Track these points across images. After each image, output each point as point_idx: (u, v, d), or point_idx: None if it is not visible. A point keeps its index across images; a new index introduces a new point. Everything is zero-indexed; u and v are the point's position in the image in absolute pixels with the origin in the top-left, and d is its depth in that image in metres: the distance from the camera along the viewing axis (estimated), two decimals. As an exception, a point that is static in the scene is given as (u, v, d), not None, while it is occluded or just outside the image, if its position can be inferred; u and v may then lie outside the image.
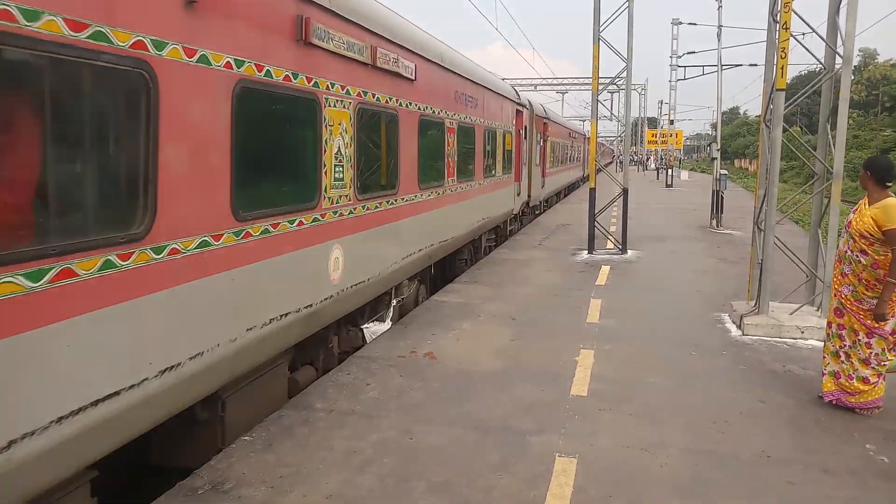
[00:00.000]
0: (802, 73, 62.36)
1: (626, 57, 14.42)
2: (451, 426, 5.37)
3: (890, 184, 5.77)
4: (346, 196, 6.51)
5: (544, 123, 22.27)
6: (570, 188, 36.65)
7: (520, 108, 16.84)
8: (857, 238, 5.67)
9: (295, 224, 5.54)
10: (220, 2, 4.47)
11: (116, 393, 3.59)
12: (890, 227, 5.47)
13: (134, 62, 3.68)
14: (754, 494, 4.37)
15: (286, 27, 5.35)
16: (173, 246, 4.07)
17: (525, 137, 17.68)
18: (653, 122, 69.54)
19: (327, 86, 6.05)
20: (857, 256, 5.68)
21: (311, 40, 5.60)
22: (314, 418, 5.46)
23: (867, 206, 5.71)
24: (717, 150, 21.86)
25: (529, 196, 19.02)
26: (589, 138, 40.77)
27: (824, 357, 5.95)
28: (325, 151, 6.04)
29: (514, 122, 16.19)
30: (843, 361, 5.78)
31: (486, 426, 5.38)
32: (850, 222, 5.79)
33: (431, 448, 4.98)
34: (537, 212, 22.09)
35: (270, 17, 5.15)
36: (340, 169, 6.34)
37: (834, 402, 5.82)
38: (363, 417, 5.51)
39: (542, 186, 22.03)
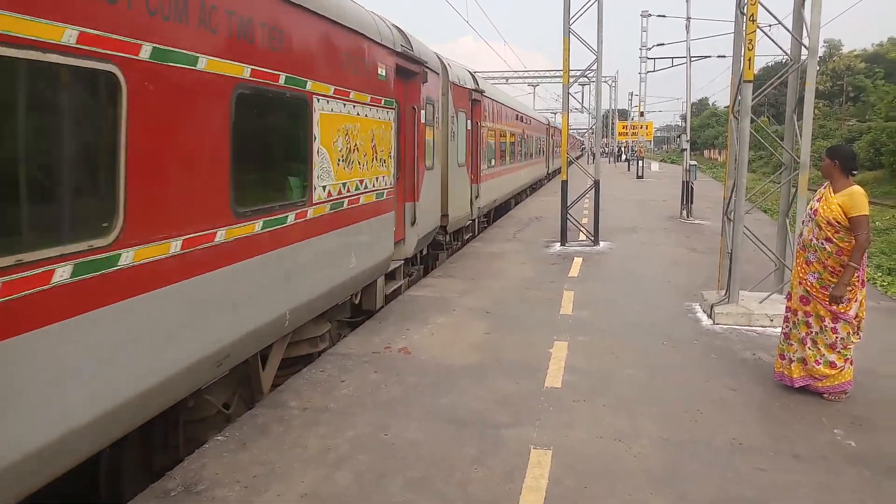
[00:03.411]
0: (769, 64, 63.20)
1: (596, 50, 14.50)
2: (426, 421, 5.37)
3: (856, 172, 5.86)
4: None
5: (475, 101, 15.18)
6: (530, 189, 30.03)
7: (408, 64, 9.41)
8: (823, 226, 5.74)
9: None
10: None
11: None
12: (855, 213, 5.56)
13: None
14: (727, 482, 4.42)
15: None
16: None
17: (429, 122, 10.99)
18: (623, 114, 70.06)
19: None
20: (822, 244, 5.76)
21: None
22: (288, 416, 5.42)
23: (833, 194, 5.78)
24: (687, 141, 22.08)
25: (447, 215, 12.43)
26: (554, 128, 33.70)
27: (791, 344, 6.03)
28: None
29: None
30: (809, 348, 5.87)
31: (461, 420, 5.38)
32: (816, 210, 5.85)
33: (407, 443, 4.96)
34: (467, 237, 15.48)
35: None
36: None
37: (805, 387, 5.92)
38: (338, 414, 5.48)
39: (477, 196, 15.62)
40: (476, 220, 16.33)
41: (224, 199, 4.83)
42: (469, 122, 14.32)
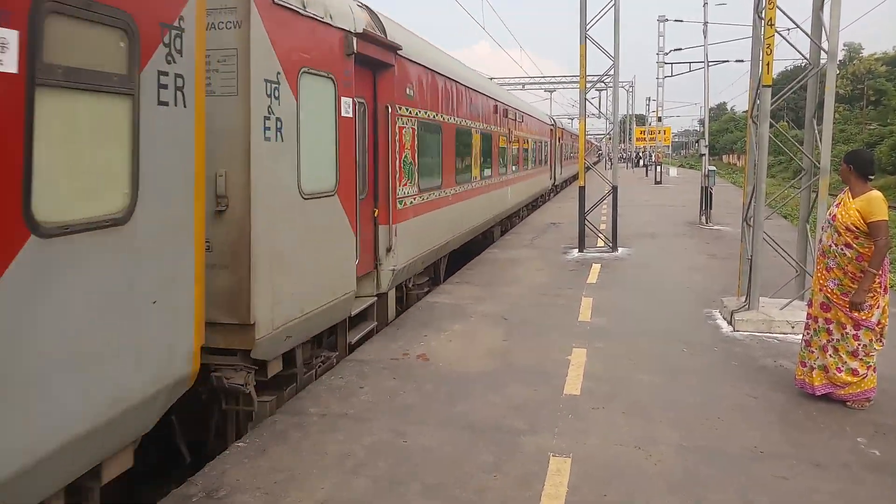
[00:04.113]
0: (788, 68, 62.71)
1: (613, 55, 14.47)
2: (444, 427, 5.37)
3: (872, 177, 5.82)
4: None
5: (377, 65, 8.19)
6: (528, 207, 23.55)
7: None
8: (842, 231, 5.71)
9: None
10: None
11: None
12: (874, 219, 5.52)
13: None
14: (746, 490, 4.38)
15: None
16: None
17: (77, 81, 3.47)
18: (641, 120, 69.77)
19: None
20: (841, 250, 5.72)
21: None
22: (307, 422, 5.45)
23: (851, 200, 5.75)
24: (706, 146, 21.95)
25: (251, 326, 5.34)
26: (561, 130, 29.68)
27: (812, 351, 5.98)
28: None
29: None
30: (830, 355, 5.81)
31: (479, 427, 5.38)
32: (835, 216, 5.82)
33: (424, 450, 4.97)
34: (358, 337, 7.60)
35: None
36: None
37: (827, 395, 5.86)
38: (356, 420, 5.50)
39: (389, 249, 8.52)
40: (388, 295, 8.59)
41: None
42: (352, 102, 7.07)
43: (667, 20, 35.25)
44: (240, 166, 5.27)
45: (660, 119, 43.70)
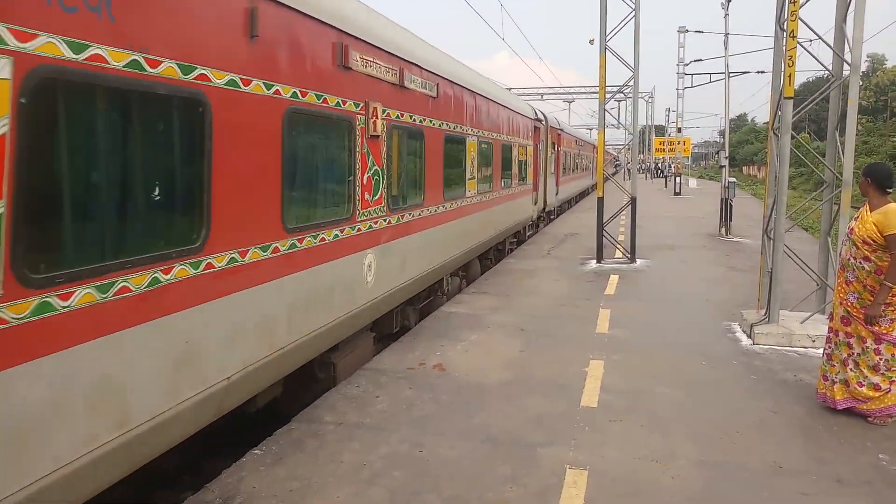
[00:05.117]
0: (811, 79, 62.19)
1: (632, 66, 14.44)
2: (460, 439, 5.36)
3: (890, 190, 5.78)
4: None
5: None
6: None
7: None
8: (859, 245, 5.67)
9: None
10: None
11: None
12: (891, 231, 5.47)
13: None
14: (767, 506, 4.33)
15: None
16: None
17: None
18: (660, 130, 69.44)
19: None
20: (860, 263, 5.68)
21: None
22: (324, 431, 5.46)
23: (868, 213, 5.72)
24: (726, 157, 21.79)
25: None
26: (558, 132, 26.63)
27: (833, 365, 5.91)
28: None
29: None
30: (851, 369, 5.75)
31: (496, 438, 5.36)
32: (853, 229, 5.80)
33: (441, 461, 4.97)
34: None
35: None
36: None
37: (849, 409, 5.78)
38: (373, 430, 5.51)
39: None
40: None
41: None
42: None
43: (687, 31, 35.13)
44: None
45: (679, 130, 43.43)
